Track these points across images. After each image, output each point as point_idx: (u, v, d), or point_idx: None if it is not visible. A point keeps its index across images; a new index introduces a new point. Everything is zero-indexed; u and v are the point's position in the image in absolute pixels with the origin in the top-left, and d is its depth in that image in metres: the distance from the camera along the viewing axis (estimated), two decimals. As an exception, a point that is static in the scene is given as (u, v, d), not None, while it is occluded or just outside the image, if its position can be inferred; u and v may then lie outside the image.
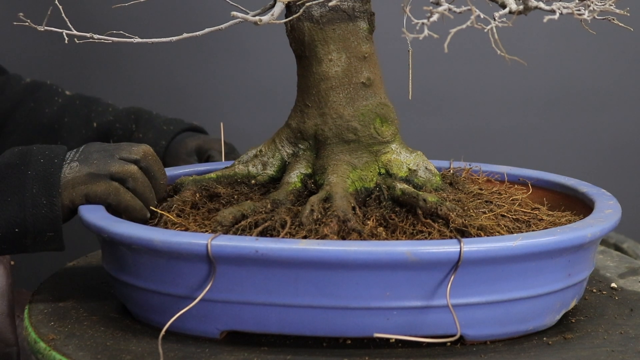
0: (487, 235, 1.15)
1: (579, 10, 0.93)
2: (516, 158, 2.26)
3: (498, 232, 1.16)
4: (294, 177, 1.24)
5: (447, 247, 1.08)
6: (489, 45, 1.53)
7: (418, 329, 1.11)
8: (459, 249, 1.07)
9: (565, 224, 1.21)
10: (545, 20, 0.93)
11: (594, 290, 1.31)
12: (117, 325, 1.20)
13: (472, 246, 1.08)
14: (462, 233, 1.15)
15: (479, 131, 2.31)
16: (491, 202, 1.24)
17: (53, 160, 1.22)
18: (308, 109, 1.25)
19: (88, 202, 1.22)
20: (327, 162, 1.23)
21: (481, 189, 1.28)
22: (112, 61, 2.23)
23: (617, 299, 1.29)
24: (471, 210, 1.19)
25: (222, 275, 1.11)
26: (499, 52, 1.01)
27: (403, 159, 1.25)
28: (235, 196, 1.26)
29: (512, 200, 1.27)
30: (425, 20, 0.97)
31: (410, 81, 1.23)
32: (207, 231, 1.17)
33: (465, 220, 1.16)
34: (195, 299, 1.12)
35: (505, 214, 1.21)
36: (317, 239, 1.12)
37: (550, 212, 1.26)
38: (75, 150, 1.26)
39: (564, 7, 0.95)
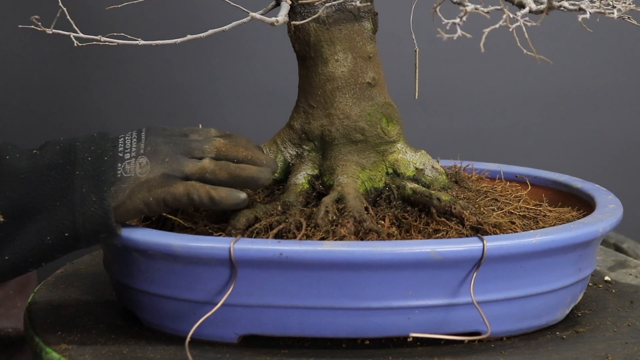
0: (503, 233, 1.16)
1: (609, 8, 0.95)
2: (516, 157, 2.28)
3: (512, 229, 1.17)
4: (301, 178, 1.23)
5: (470, 245, 1.08)
6: (489, 45, 1.55)
7: (439, 327, 1.11)
8: (482, 247, 1.08)
9: (571, 220, 1.23)
10: (579, 19, 0.95)
11: (590, 284, 1.34)
12: (127, 332, 1.18)
13: (495, 243, 1.09)
14: (478, 231, 1.16)
15: (478, 131, 2.32)
16: (497, 200, 1.25)
17: (102, 158, 1.12)
18: (313, 110, 1.25)
19: (166, 206, 1.12)
20: (335, 162, 1.23)
21: (485, 187, 1.29)
22: (114, 61, 2.20)
23: (614, 291, 1.32)
24: (482, 208, 1.20)
25: (243, 278, 1.10)
26: (525, 51, 1.02)
27: (409, 158, 1.25)
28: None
29: (515, 197, 1.28)
30: (457, 20, 0.97)
31: (417, 80, 1.23)
32: (220, 234, 1.16)
33: (479, 218, 1.17)
34: (213, 304, 1.10)
35: (512, 211, 1.22)
36: (335, 240, 1.12)
37: (552, 209, 1.28)
38: (135, 136, 1.16)
39: (591, 5, 0.96)
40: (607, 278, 1.36)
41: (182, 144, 1.16)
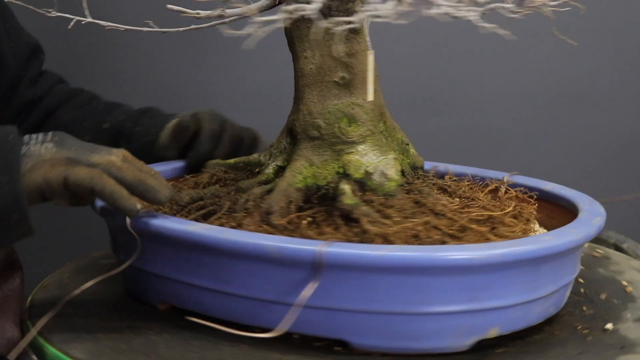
0: (386, 243, 1.10)
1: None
2: (516, 158, 2.20)
3: (394, 241, 1.11)
4: (270, 168, 1.29)
5: (307, 247, 1.06)
6: (489, 45, 1.42)
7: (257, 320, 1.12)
8: (318, 251, 1.05)
9: (498, 239, 1.13)
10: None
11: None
12: (123, 329, 1.20)
13: (335, 250, 1.05)
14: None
15: (478, 131, 2.23)
16: (441, 214, 1.18)
17: (6, 138, 1.11)
18: (294, 105, 1.29)
19: (66, 185, 1.09)
20: (292, 156, 1.26)
21: (441, 196, 1.23)
22: (112, 61, 2.30)
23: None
24: (398, 218, 1.15)
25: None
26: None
27: (365, 160, 1.22)
28: (234, 181, 1.33)
29: (464, 208, 1.20)
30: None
31: (369, 82, 1.21)
32: (167, 211, 1.25)
33: (378, 227, 1.12)
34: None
35: (438, 226, 1.15)
36: (234, 226, 1.16)
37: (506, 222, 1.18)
38: (42, 133, 1.14)
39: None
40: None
41: (89, 145, 1.14)
